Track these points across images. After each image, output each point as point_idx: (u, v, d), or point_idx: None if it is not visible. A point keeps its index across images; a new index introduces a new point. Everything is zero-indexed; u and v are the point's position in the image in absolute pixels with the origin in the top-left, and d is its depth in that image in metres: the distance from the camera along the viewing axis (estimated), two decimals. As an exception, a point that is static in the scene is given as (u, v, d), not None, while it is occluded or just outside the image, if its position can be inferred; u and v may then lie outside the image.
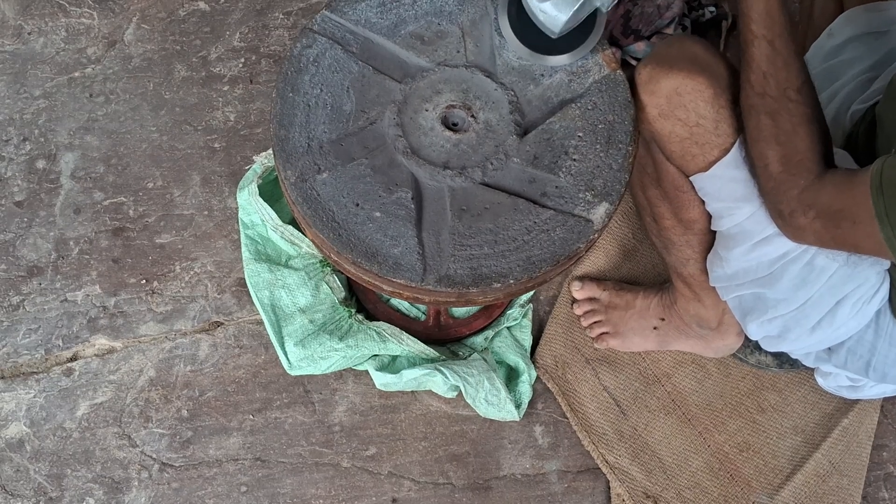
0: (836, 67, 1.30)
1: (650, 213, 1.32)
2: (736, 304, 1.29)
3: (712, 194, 1.18)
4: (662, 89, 1.12)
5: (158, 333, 1.60)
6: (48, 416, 1.55)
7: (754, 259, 1.19)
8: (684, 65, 1.11)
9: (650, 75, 1.13)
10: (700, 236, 1.28)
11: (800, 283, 1.17)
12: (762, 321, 1.25)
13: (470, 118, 1.14)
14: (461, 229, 1.09)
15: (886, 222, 0.98)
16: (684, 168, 1.18)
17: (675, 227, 1.29)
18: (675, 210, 1.26)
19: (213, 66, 1.78)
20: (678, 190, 1.23)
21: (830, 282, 1.16)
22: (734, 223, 1.18)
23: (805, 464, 1.52)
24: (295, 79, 1.15)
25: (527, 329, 1.59)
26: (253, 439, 1.53)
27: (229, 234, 1.66)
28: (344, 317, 1.53)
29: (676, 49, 1.14)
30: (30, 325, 1.60)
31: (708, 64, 1.11)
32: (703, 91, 1.10)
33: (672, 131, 1.14)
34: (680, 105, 1.11)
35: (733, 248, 1.20)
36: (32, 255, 1.65)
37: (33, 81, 1.77)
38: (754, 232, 1.16)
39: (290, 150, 1.11)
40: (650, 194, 1.28)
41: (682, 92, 1.10)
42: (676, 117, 1.12)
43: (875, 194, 0.98)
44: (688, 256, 1.32)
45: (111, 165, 1.70)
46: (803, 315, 1.20)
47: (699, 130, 1.13)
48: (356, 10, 1.19)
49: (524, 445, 1.54)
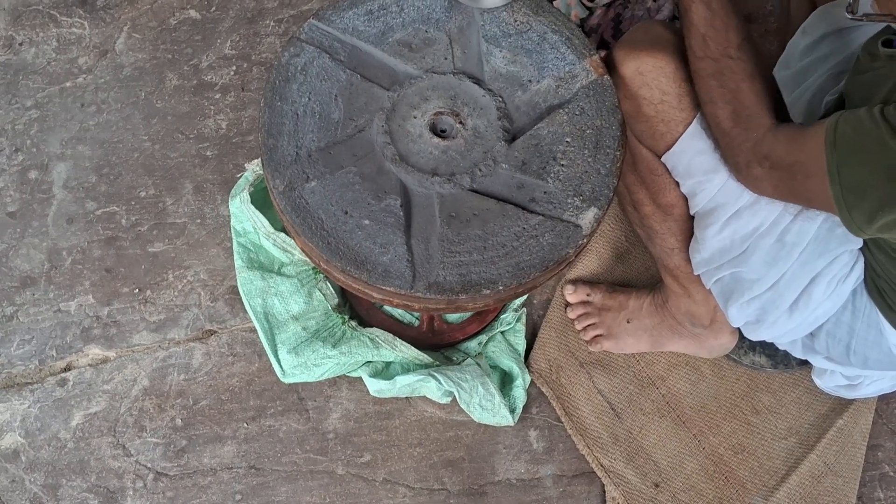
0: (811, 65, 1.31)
1: (630, 200, 1.34)
2: (718, 290, 1.31)
3: (683, 172, 1.21)
4: (626, 72, 1.16)
5: (152, 342, 1.60)
6: (43, 427, 1.55)
7: (727, 237, 1.21)
8: (645, 45, 1.16)
9: (616, 59, 1.18)
10: (680, 223, 1.30)
11: (771, 259, 1.18)
12: (741, 303, 1.26)
13: (458, 125, 1.14)
14: (450, 236, 1.09)
15: (836, 179, 0.99)
16: (655, 148, 1.22)
17: (654, 213, 1.31)
18: (653, 195, 1.28)
19: (204, 75, 1.78)
20: (653, 173, 1.25)
21: (802, 258, 1.17)
22: (707, 198, 1.20)
23: (800, 465, 1.52)
24: (283, 88, 1.15)
25: (520, 333, 1.59)
26: (247, 447, 1.53)
27: (222, 242, 1.66)
28: (337, 323, 1.53)
29: (640, 32, 1.19)
30: (23, 335, 1.60)
31: (668, 41, 1.16)
32: (664, 67, 1.15)
33: (639, 111, 1.18)
34: (643, 84, 1.16)
35: (707, 227, 1.22)
36: (25, 265, 1.65)
37: (25, 92, 1.77)
38: (727, 205, 1.18)
39: (279, 160, 1.11)
40: (628, 181, 1.30)
41: (643, 71, 1.15)
42: (642, 97, 1.16)
43: (829, 150, 0.99)
44: (671, 245, 1.33)
45: (103, 175, 1.71)
46: (778, 294, 1.21)
47: (664, 108, 1.17)
48: (343, 19, 1.19)
49: (519, 450, 1.54)
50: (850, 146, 0.97)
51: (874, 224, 0.99)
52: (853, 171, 0.97)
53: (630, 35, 1.20)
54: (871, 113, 0.96)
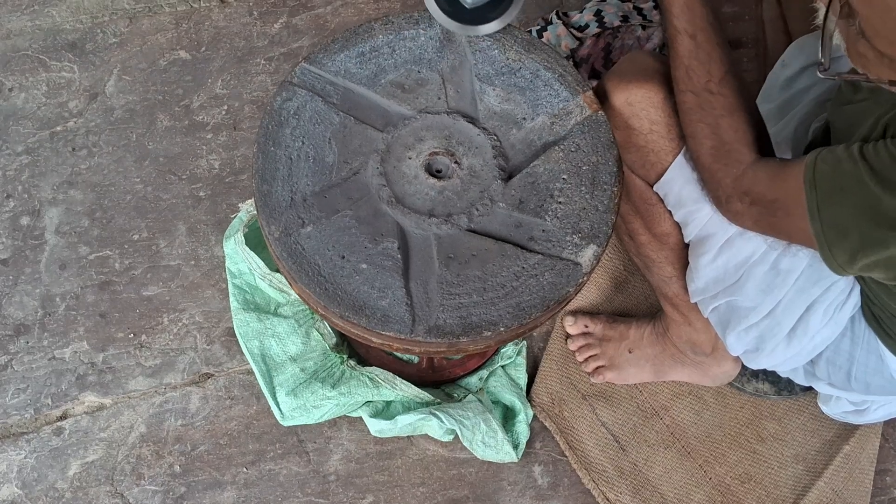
0: (794, 97, 1.31)
1: (626, 230, 1.33)
2: (715, 319, 1.30)
3: (674, 201, 1.21)
4: (615, 103, 1.16)
5: (148, 388, 1.57)
6: (40, 477, 1.52)
7: (721, 266, 1.20)
8: (633, 76, 1.16)
9: (605, 91, 1.18)
10: (676, 251, 1.29)
11: (766, 287, 1.18)
12: (739, 332, 1.25)
13: (454, 164, 1.13)
14: (449, 278, 1.08)
15: (817, 217, 0.98)
16: (647, 177, 1.22)
17: (650, 242, 1.30)
18: (648, 224, 1.28)
19: (195, 115, 1.78)
20: (647, 203, 1.25)
21: (797, 285, 1.16)
22: (699, 227, 1.20)
23: (808, 493, 1.50)
24: (276, 132, 1.14)
25: (521, 367, 1.58)
26: (247, 493, 1.51)
27: (217, 284, 1.64)
28: (336, 363, 1.51)
29: (628, 63, 1.19)
30: (18, 384, 1.58)
31: (657, 71, 1.16)
32: (653, 97, 1.14)
33: (629, 141, 1.18)
34: (633, 115, 1.16)
35: (700, 256, 1.21)
36: (19, 313, 1.63)
37: (15, 137, 1.76)
38: (718, 234, 1.18)
39: (274, 205, 1.10)
40: (622, 210, 1.30)
41: (632, 102, 1.15)
42: (632, 127, 1.17)
43: (808, 188, 0.98)
44: (668, 274, 1.32)
45: (96, 219, 1.69)
46: (776, 322, 1.20)
47: (653, 137, 1.17)
48: (335, 62, 1.18)
49: (524, 486, 1.52)
50: (829, 186, 0.96)
51: (856, 264, 0.98)
52: (834, 211, 0.97)
53: (618, 66, 1.20)
54: (850, 151, 0.95)
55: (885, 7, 0.80)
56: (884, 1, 0.80)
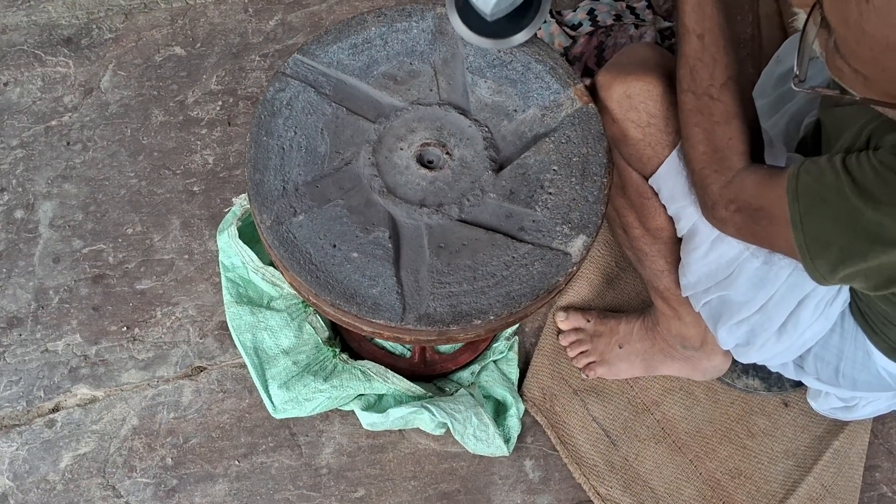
0: (787, 93, 1.32)
1: (619, 223, 1.33)
2: (707, 313, 1.30)
3: (668, 195, 1.21)
4: (614, 95, 1.16)
5: (140, 381, 1.58)
6: (31, 469, 1.52)
7: (713, 261, 1.20)
8: (633, 68, 1.15)
9: (602, 83, 1.17)
10: (669, 245, 1.29)
11: (759, 281, 1.18)
12: (730, 326, 1.25)
13: (445, 155, 1.14)
14: (440, 267, 1.08)
15: (800, 228, 0.99)
16: (643, 171, 1.22)
17: (643, 236, 1.30)
18: (642, 218, 1.28)
19: (190, 110, 1.78)
20: (642, 197, 1.25)
21: (790, 280, 1.17)
22: (691, 222, 1.20)
23: (797, 488, 1.51)
24: (269, 122, 1.15)
25: (513, 362, 1.58)
26: (239, 485, 1.51)
27: (210, 278, 1.65)
28: (328, 357, 1.52)
29: (627, 56, 1.18)
30: (10, 376, 1.58)
31: (656, 64, 1.15)
32: (652, 90, 1.14)
33: (626, 135, 1.18)
34: (631, 108, 1.15)
35: (692, 251, 1.22)
36: (12, 305, 1.63)
37: (10, 131, 1.76)
38: (709, 230, 1.18)
39: (266, 194, 1.10)
40: (617, 203, 1.30)
41: (631, 94, 1.14)
42: (629, 120, 1.16)
43: (791, 199, 0.99)
44: (660, 268, 1.33)
45: (90, 213, 1.70)
46: (767, 317, 1.21)
47: (651, 130, 1.16)
48: (328, 53, 1.19)
49: (515, 480, 1.53)
50: (811, 197, 0.97)
51: (837, 275, 0.99)
52: (816, 222, 0.97)
53: (617, 58, 1.19)
54: (833, 163, 0.95)
55: (860, 30, 0.80)
56: (858, 24, 0.80)
